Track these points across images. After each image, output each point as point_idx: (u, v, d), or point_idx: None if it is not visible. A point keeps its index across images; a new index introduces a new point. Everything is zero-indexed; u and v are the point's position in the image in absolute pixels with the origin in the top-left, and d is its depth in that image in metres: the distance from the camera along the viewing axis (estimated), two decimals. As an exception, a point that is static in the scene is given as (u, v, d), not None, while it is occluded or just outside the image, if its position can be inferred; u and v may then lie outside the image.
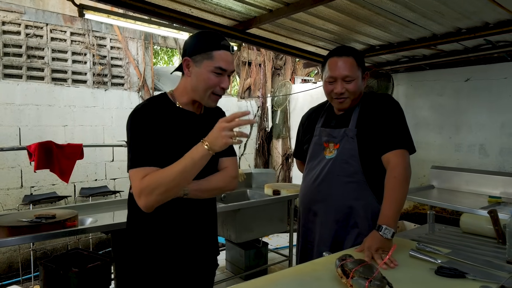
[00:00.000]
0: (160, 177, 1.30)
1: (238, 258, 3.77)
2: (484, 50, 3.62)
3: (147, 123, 1.37)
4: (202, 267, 1.57)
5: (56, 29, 4.42)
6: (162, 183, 1.29)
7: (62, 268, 2.64)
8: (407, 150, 1.64)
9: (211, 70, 1.40)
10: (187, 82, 1.45)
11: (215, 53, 1.40)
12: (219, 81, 1.42)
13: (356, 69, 1.68)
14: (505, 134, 3.88)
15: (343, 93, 1.68)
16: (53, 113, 4.37)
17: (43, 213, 2.59)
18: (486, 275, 1.30)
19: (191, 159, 1.29)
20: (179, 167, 1.29)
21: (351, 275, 1.17)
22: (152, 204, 1.32)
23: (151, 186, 1.29)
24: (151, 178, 1.30)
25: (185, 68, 1.44)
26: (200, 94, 1.44)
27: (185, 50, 1.45)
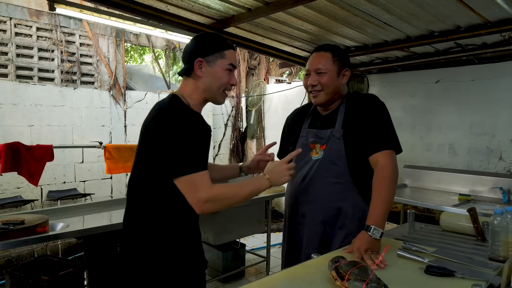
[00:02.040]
0: (232, 192, 1.44)
1: (215, 260, 3.71)
2: (454, 53, 3.74)
3: (192, 127, 1.38)
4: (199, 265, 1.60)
5: (20, 23, 4.18)
6: (232, 198, 1.44)
7: (31, 277, 2.50)
8: (394, 150, 1.65)
9: (225, 68, 1.49)
10: (199, 82, 1.49)
11: (227, 52, 1.49)
12: (230, 78, 1.53)
13: (331, 63, 1.70)
14: (473, 134, 4.03)
15: (316, 85, 1.71)
16: (17, 112, 4.14)
17: (11, 219, 2.43)
18: (473, 273, 1.32)
19: (257, 190, 1.49)
20: (247, 191, 1.47)
21: (346, 278, 1.15)
22: (211, 211, 1.44)
23: (222, 196, 1.41)
24: (223, 189, 1.43)
25: (198, 69, 1.47)
26: (213, 92, 1.51)
27: (195, 51, 1.48)
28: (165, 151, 1.37)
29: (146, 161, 1.43)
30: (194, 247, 1.52)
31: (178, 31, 3.39)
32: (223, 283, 3.68)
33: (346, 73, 1.74)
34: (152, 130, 1.42)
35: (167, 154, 1.36)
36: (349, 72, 1.75)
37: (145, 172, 1.44)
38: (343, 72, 1.73)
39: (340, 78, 1.72)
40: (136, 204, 1.48)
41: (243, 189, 1.46)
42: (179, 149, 1.35)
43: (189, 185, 1.36)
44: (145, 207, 1.44)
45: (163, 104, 1.46)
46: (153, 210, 1.43)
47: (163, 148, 1.37)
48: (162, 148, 1.37)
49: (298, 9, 2.82)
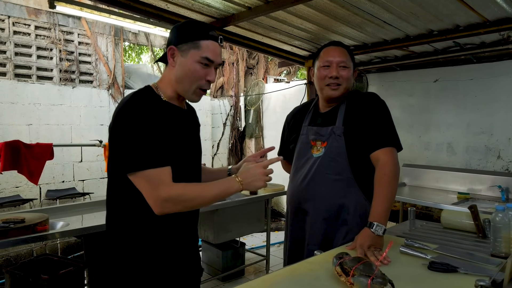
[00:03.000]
0: (195, 192, 1.30)
1: (215, 259, 3.71)
2: (453, 52, 3.76)
3: (152, 119, 1.26)
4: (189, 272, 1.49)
5: (19, 22, 4.17)
6: (195, 200, 1.29)
7: (31, 276, 2.49)
8: (395, 147, 1.66)
9: (197, 61, 1.32)
10: (172, 73, 1.36)
11: (203, 43, 1.32)
12: (206, 73, 1.35)
13: (350, 60, 1.75)
14: (471, 133, 4.06)
15: (338, 78, 1.71)
16: (16, 111, 4.12)
17: (11, 218, 2.42)
18: (476, 269, 1.33)
19: (226, 192, 1.33)
20: (214, 193, 1.31)
21: (351, 273, 1.16)
22: (171, 212, 1.28)
23: (183, 197, 1.27)
24: (184, 189, 1.28)
25: (170, 58, 1.34)
26: (185, 87, 1.35)
27: (170, 39, 1.36)
28: (120, 145, 1.26)
29: (110, 158, 1.33)
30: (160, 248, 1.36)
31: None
32: (223, 282, 3.68)
33: (356, 71, 1.81)
34: (112, 123, 1.31)
35: (121, 148, 1.25)
36: (357, 72, 1.83)
37: (109, 169, 1.36)
38: (355, 70, 1.79)
39: (354, 75, 1.79)
40: (107, 203, 1.40)
41: (208, 190, 1.31)
42: (134, 142, 1.23)
43: (146, 181, 1.23)
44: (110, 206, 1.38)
45: (128, 96, 1.34)
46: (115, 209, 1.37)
47: (118, 142, 1.26)
48: (117, 142, 1.27)
49: (298, 7, 2.82)
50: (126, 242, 1.35)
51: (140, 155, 1.23)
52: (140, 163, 1.22)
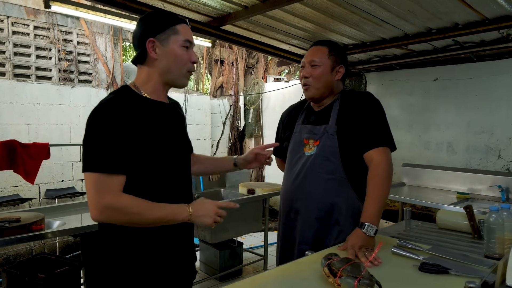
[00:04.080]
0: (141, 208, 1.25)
1: (213, 259, 3.70)
2: (452, 50, 3.73)
3: (122, 122, 1.23)
4: (181, 274, 1.48)
5: (18, 22, 4.17)
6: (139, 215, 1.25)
7: (28, 275, 2.50)
8: (389, 147, 1.64)
9: (180, 45, 1.33)
10: (155, 66, 1.33)
11: (179, 27, 1.34)
12: (189, 55, 1.36)
13: (326, 57, 1.70)
14: (471, 132, 4.02)
15: (308, 78, 1.70)
16: (15, 111, 4.13)
17: (7, 217, 2.43)
18: (468, 270, 1.31)
19: (172, 218, 1.29)
20: (158, 215, 1.27)
21: (339, 274, 1.14)
22: (108, 221, 1.26)
23: (128, 210, 1.23)
24: (130, 202, 1.24)
25: (151, 51, 1.31)
26: (174, 74, 1.35)
27: (144, 32, 1.32)
28: (84, 144, 1.25)
29: None
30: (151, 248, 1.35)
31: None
32: (220, 282, 3.68)
33: (341, 69, 1.73)
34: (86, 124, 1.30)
35: (84, 146, 1.25)
36: (343, 69, 1.74)
37: None
38: (337, 68, 1.72)
39: (333, 73, 1.71)
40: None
41: (153, 211, 1.26)
42: (92, 143, 1.22)
43: (92, 184, 1.21)
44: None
45: (106, 96, 1.32)
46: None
47: (84, 141, 1.26)
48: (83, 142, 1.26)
49: (294, 6, 2.81)
50: (117, 240, 1.34)
51: (93, 157, 1.21)
52: (91, 164, 1.21)
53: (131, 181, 1.29)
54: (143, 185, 1.31)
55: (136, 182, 1.30)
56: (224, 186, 4.16)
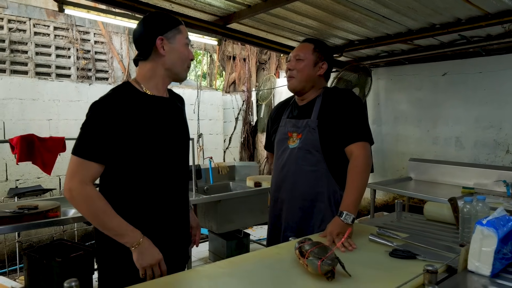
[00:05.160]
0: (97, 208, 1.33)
1: (220, 248, 3.85)
2: (460, 45, 3.72)
3: (112, 115, 1.35)
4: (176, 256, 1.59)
5: (39, 23, 4.42)
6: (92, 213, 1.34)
7: (46, 258, 2.70)
8: (368, 142, 1.73)
9: (184, 43, 1.50)
10: (159, 63, 1.46)
11: (181, 27, 1.50)
12: (189, 52, 1.53)
13: (310, 53, 1.82)
14: (480, 127, 4.00)
15: (292, 70, 1.81)
16: (37, 107, 4.39)
17: (26, 204, 2.65)
18: (435, 257, 1.40)
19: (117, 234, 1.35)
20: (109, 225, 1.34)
21: (306, 256, 1.25)
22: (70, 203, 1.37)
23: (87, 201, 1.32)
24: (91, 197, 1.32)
25: (160, 48, 1.44)
26: (178, 69, 1.51)
27: (153, 31, 1.44)
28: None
29: None
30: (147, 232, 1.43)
31: (183, 28, 3.52)
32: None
33: (324, 66, 1.83)
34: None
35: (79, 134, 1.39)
36: (326, 66, 1.84)
37: None
38: (320, 64, 1.82)
39: (316, 68, 1.82)
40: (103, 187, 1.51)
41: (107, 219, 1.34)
42: (82, 131, 1.37)
43: (71, 165, 1.33)
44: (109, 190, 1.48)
45: (107, 92, 1.46)
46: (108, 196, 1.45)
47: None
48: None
49: (295, 4, 2.88)
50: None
51: (78, 142, 1.36)
52: (75, 148, 1.35)
53: (128, 173, 1.42)
54: (140, 177, 1.43)
55: (133, 174, 1.42)
56: (233, 179, 4.30)
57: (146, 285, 1.18)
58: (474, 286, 1.18)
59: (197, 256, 4.19)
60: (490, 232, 1.20)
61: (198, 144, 4.95)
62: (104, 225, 1.35)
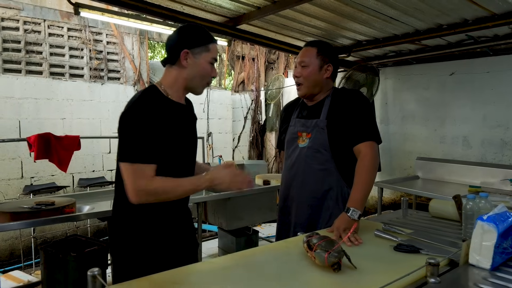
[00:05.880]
0: (169, 188, 1.46)
1: (230, 245, 3.92)
2: (467, 45, 3.75)
3: (153, 119, 1.44)
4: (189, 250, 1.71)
5: (53, 25, 4.54)
6: (168, 194, 1.47)
7: (61, 252, 2.79)
8: (375, 141, 1.79)
9: (208, 61, 1.56)
10: (182, 72, 1.55)
11: (211, 46, 1.57)
12: (212, 70, 1.60)
13: (315, 58, 1.83)
14: (487, 126, 4.03)
15: (299, 77, 1.85)
16: (51, 107, 4.51)
17: (43, 200, 2.74)
18: (437, 251, 1.45)
19: (195, 189, 1.52)
20: (185, 189, 1.50)
21: (314, 249, 1.32)
22: (146, 202, 1.45)
23: (159, 191, 1.44)
24: (161, 184, 1.44)
25: (183, 60, 1.52)
26: (196, 83, 1.58)
27: (181, 43, 1.53)
28: (121, 136, 1.45)
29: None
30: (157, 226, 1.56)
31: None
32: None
33: (329, 68, 1.86)
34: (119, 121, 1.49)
35: (122, 139, 1.45)
36: (332, 68, 1.87)
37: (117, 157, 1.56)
38: (325, 67, 1.85)
39: (322, 72, 1.85)
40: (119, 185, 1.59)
41: (182, 186, 1.48)
42: (132, 137, 1.42)
43: (129, 172, 1.40)
44: (116, 191, 1.60)
45: (136, 95, 1.52)
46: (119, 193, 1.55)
47: (121, 134, 1.45)
48: (120, 134, 1.46)
49: (304, 6, 2.94)
50: (129, 222, 1.57)
51: (130, 149, 1.43)
52: (128, 155, 1.42)
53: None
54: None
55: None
56: (242, 178, 4.36)
57: (162, 275, 1.26)
58: (474, 279, 1.23)
59: (207, 253, 4.28)
60: (490, 227, 1.25)
61: (208, 143, 5.03)
62: (184, 194, 1.54)
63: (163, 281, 1.18)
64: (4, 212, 2.49)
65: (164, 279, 1.20)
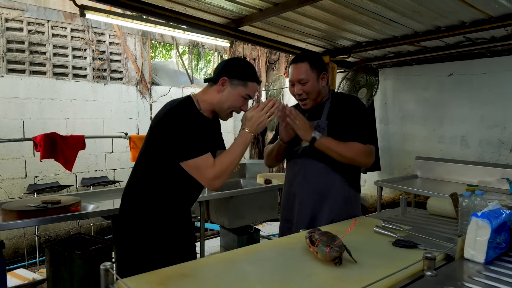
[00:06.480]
0: (230, 159, 1.64)
1: (232, 243, 3.98)
2: (465, 46, 3.81)
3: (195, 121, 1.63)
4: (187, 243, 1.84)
5: (57, 25, 4.60)
6: (232, 164, 1.64)
7: (67, 250, 2.85)
8: (372, 145, 1.86)
9: (242, 95, 1.71)
10: (216, 96, 1.71)
11: (250, 84, 1.71)
12: (242, 104, 1.74)
13: (310, 72, 1.89)
14: (485, 126, 4.09)
15: (301, 94, 1.92)
16: (55, 107, 4.57)
17: (49, 199, 2.80)
18: (434, 246, 1.51)
19: (246, 145, 1.67)
20: (240, 150, 1.66)
21: (316, 244, 1.38)
22: (222, 184, 1.64)
23: (225, 168, 1.61)
24: (223, 161, 1.62)
25: (220, 85, 1.69)
26: (223, 109, 1.73)
27: (225, 70, 1.70)
28: (173, 141, 1.60)
29: (154, 150, 1.67)
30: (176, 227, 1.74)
31: (196, 31, 3.66)
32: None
33: (324, 76, 1.95)
34: (161, 125, 1.64)
35: (175, 144, 1.60)
36: (326, 75, 1.96)
37: (151, 159, 1.69)
38: (321, 76, 1.93)
39: (320, 82, 1.93)
40: (136, 184, 1.74)
41: (236, 151, 1.65)
42: (185, 140, 1.60)
43: (195, 167, 1.60)
44: (145, 188, 1.70)
45: (173, 103, 1.68)
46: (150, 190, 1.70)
47: (171, 140, 1.60)
48: (170, 140, 1.60)
49: (305, 8, 3.00)
50: (136, 220, 1.70)
51: (190, 147, 1.60)
52: (191, 153, 1.60)
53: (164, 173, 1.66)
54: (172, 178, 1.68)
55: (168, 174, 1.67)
56: (244, 177, 4.43)
57: (171, 269, 1.31)
58: (469, 272, 1.29)
59: (209, 251, 4.34)
60: (484, 223, 1.31)
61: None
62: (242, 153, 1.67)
63: (172, 274, 1.24)
64: (11, 210, 2.54)
65: (173, 272, 1.25)
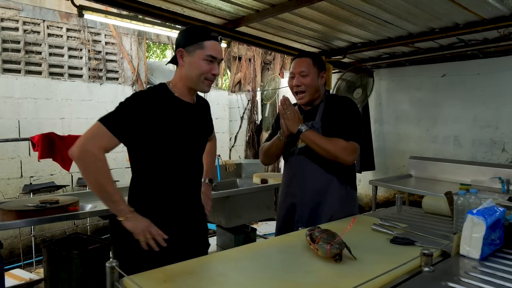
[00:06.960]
0: (105, 176, 1.50)
1: (228, 243, 4.01)
2: (458, 47, 3.88)
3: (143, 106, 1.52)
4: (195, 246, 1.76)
5: (52, 25, 4.58)
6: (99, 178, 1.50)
7: (64, 250, 2.85)
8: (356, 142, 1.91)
9: (203, 58, 1.58)
10: (182, 71, 1.62)
11: (206, 43, 1.59)
12: (211, 68, 1.61)
13: (312, 67, 1.95)
14: (477, 126, 4.16)
15: (300, 86, 1.95)
16: (50, 106, 4.55)
17: (47, 199, 2.80)
18: (431, 243, 1.55)
19: (110, 207, 1.55)
20: (110, 190, 1.51)
21: (316, 241, 1.41)
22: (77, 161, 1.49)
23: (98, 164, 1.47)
24: (99, 163, 1.46)
25: (179, 59, 1.61)
26: (194, 80, 1.61)
27: (178, 42, 1.63)
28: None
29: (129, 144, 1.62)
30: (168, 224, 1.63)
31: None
32: (235, 264, 3.97)
33: (324, 75, 2.02)
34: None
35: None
36: (325, 76, 2.03)
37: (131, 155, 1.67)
38: (321, 75, 2.00)
39: (319, 79, 1.99)
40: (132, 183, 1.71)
41: (110, 184, 1.50)
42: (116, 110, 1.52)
43: (95, 130, 1.47)
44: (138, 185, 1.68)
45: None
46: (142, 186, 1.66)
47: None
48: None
49: (302, 10, 3.04)
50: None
51: (110, 115, 1.51)
52: (104, 118, 1.50)
53: (148, 165, 1.60)
54: (161, 170, 1.62)
55: (152, 166, 1.60)
56: (240, 176, 4.46)
57: (175, 267, 1.34)
58: (465, 268, 1.33)
59: (205, 250, 4.35)
60: (480, 220, 1.35)
61: (205, 142, 5.10)
62: (105, 188, 1.49)
63: (177, 271, 1.26)
64: (10, 210, 2.54)
65: (178, 269, 1.28)
